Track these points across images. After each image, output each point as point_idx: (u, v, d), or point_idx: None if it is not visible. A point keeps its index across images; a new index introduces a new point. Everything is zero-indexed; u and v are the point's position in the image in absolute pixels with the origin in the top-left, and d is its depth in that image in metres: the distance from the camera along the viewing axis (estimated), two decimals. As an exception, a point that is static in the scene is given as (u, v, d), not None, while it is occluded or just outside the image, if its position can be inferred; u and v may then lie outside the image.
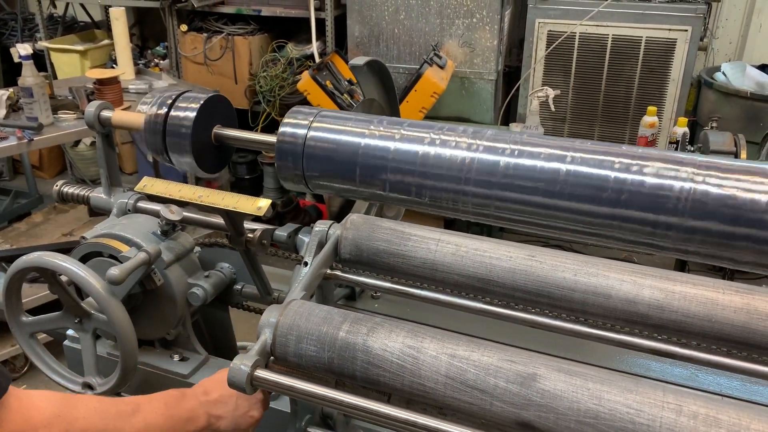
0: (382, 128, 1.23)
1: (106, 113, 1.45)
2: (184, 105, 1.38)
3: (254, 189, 4.94)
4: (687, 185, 1.01)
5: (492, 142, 1.13)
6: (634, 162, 1.04)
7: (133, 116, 1.45)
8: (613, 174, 1.04)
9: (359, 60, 1.46)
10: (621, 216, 1.04)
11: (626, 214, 1.03)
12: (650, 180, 1.02)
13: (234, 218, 1.30)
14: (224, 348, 1.60)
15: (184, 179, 4.23)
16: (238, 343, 1.64)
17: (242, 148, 3.79)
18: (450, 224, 3.61)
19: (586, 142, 1.11)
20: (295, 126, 1.29)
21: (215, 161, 1.45)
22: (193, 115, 1.36)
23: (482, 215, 1.15)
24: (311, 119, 1.28)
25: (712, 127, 3.06)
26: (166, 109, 1.38)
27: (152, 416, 1.09)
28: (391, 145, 1.20)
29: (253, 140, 1.45)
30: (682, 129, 3.16)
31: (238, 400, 1.14)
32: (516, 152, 1.10)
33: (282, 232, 1.36)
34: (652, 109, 3.40)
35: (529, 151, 1.09)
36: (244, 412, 1.15)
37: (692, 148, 2.99)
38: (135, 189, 1.40)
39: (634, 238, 1.05)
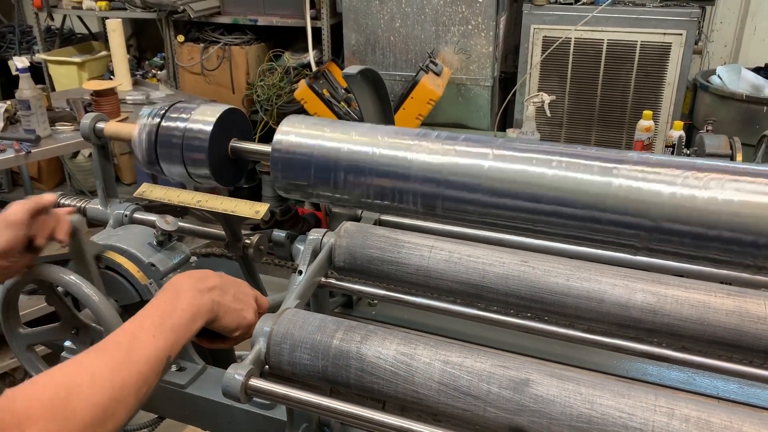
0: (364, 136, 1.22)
1: (101, 125, 1.46)
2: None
3: (253, 198, 4.92)
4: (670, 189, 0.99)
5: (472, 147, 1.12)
6: (611, 165, 1.02)
7: (126, 127, 1.46)
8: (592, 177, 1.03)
9: (352, 69, 1.46)
10: (601, 219, 1.02)
11: (604, 216, 1.02)
12: (628, 183, 1.01)
13: (232, 222, 1.30)
14: (222, 357, 1.60)
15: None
16: (237, 353, 1.64)
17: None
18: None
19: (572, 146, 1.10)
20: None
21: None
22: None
23: (461, 219, 1.13)
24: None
25: (707, 131, 3.07)
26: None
27: (150, 344, 0.94)
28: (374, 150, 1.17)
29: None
30: (678, 132, 3.17)
31: (237, 290, 1.11)
32: (499, 157, 1.09)
33: (281, 233, 1.35)
34: (647, 113, 3.40)
35: (511, 156, 1.08)
36: (239, 308, 1.11)
37: (688, 152, 3.00)
38: (135, 194, 1.40)
39: (613, 239, 1.03)
